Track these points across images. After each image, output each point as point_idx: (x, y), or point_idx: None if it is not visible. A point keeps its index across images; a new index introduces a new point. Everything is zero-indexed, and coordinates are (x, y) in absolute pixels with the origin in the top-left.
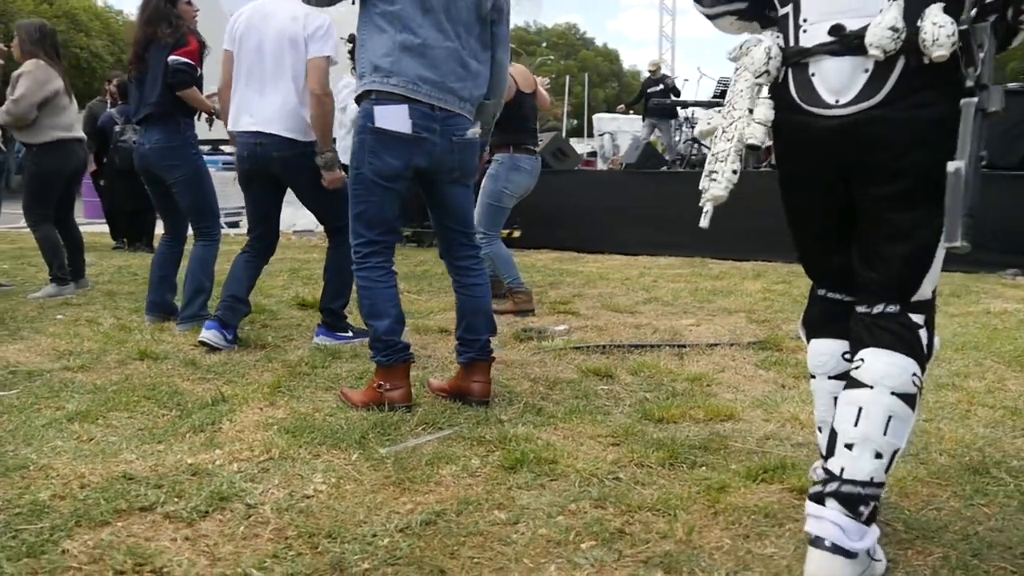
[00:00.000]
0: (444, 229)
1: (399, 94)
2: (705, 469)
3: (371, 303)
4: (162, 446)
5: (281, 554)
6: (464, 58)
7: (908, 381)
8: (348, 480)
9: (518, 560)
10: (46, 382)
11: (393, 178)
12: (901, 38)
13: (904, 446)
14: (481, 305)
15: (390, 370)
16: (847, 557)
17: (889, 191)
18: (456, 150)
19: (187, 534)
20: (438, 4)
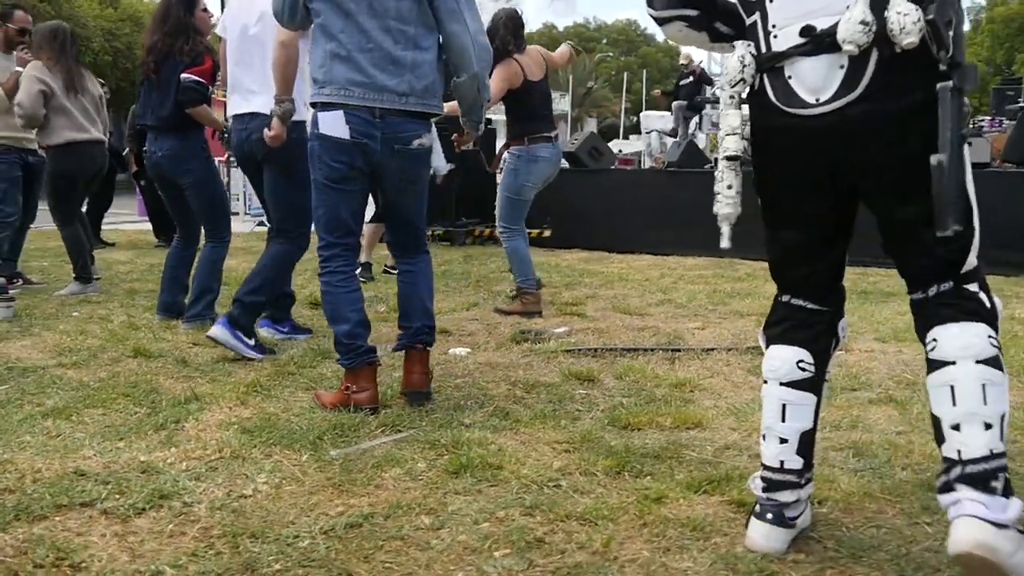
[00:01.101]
0: (390, 227)
1: (334, 102)
2: (650, 479)
3: (333, 307)
4: (122, 443)
5: (200, 553)
6: (394, 54)
7: (987, 345)
8: (290, 481)
9: (428, 566)
10: (37, 378)
11: (340, 180)
12: (872, 30)
13: (1008, 408)
14: (415, 292)
15: (356, 373)
16: (997, 527)
17: (897, 180)
18: (398, 157)
19: (118, 530)
20: (357, 5)
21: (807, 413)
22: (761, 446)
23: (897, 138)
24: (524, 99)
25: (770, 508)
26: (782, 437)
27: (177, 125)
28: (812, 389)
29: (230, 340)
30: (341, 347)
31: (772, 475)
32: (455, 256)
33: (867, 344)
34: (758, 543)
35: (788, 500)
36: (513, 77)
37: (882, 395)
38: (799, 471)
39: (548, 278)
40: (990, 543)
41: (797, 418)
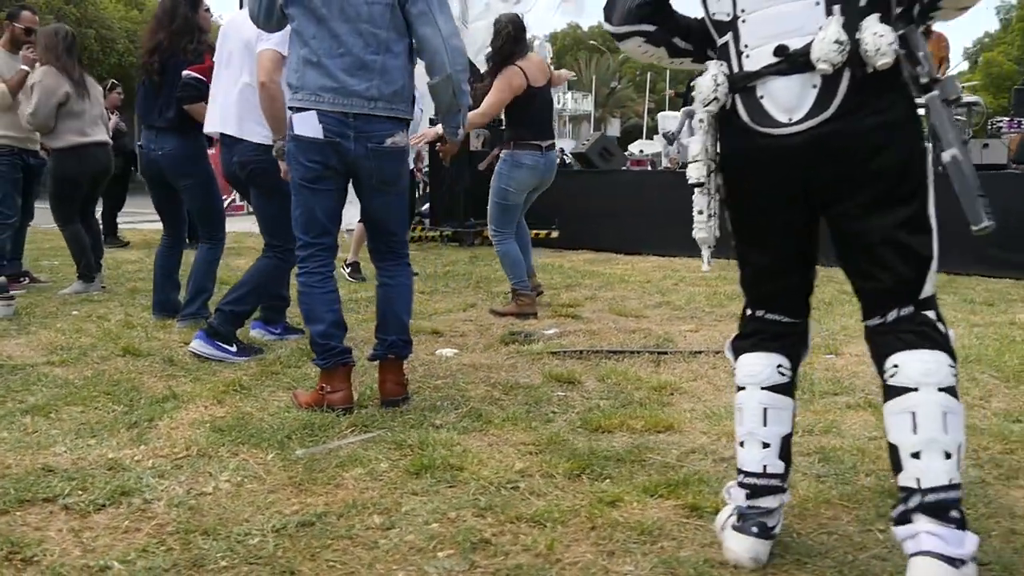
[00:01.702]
0: (368, 232)
1: (306, 108)
2: (608, 482)
3: (308, 307)
4: (94, 440)
5: (151, 549)
6: (364, 59)
7: (948, 374)
8: (252, 479)
9: (371, 566)
10: (25, 376)
11: (315, 180)
12: (846, 50)
13: (964, 440)
14: (392, 307)
15: (331, 373)
16: (953, 566)
17: (867, 199)
18: (372, 157)
19: (75, 525)
20: (330, 11)
21: (787, 417)
22: (740, 453)
23: (870, 154)
24: (525, 105)
25: (753, 519)
26: (765, 442)
27: (181, 126)
28: (791, 393)
29: (212, 352)
30: (316, 347)
31: (756, 481)
32: (462, 257)
33: (857, 348)
34: (741, 557)
35: (771, 506)
36: (516, 86)
37: (862, 400)
38: (782, 475)
39: (550, 279)
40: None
41: (778, 422)
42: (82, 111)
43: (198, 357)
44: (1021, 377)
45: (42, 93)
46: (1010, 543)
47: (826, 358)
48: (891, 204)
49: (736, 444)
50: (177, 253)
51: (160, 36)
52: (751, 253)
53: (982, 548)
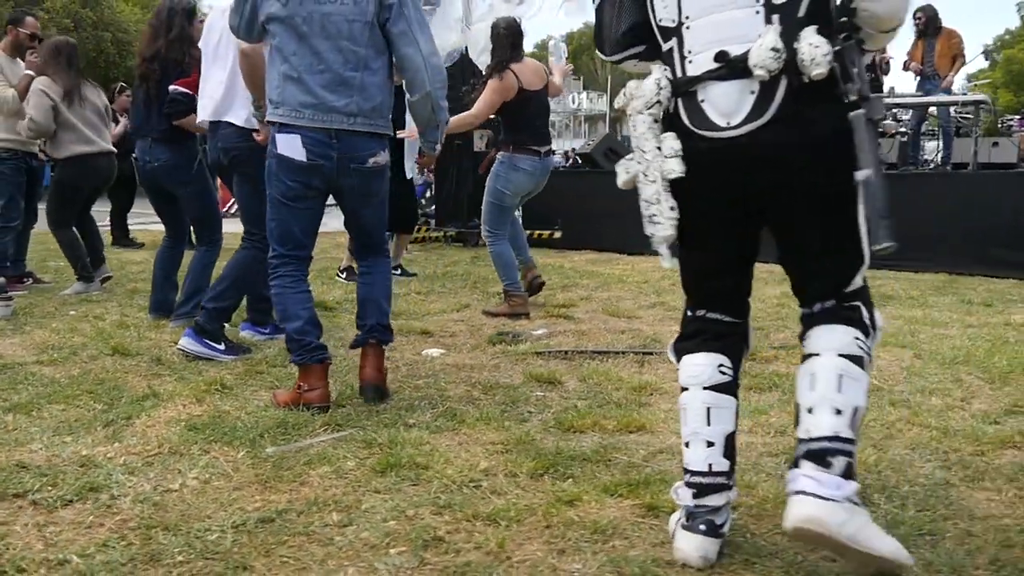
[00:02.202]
0: (353, 236)
1: (289, 123)
2: (570, 482)
3: (283, 307)
4: (71, 438)
5: (112, 543)
6: (343, 75)
7: (851, 342)
8: (220, 477)
9: (323, 562)
10: (12, 375)
11: (295, 199)
12: (782, 58)
13: (864, 405)
14: (371, 293)
15: (307, 371)
16: (827, 501)
17: (802, 208)
18: (355, 175)
19: (41, 520)
20: (311, 29)
21: (731, 416)
22: (686, 453)
23: (804, 166)
24: (519, 109)
25: (701, 517)
26: (709, 440)
27: (173, 136)
28: (733, 392)
29: (200, 349)
30: (293, 344)
31: (701, 480)
32: (463, 257)
33: None
34: (690, 556)
35: (718, 504)
36: (507, 90)
37: None
38: (727, 473)
39: (548, 280)
40: (817, 516)
41: (722, 421)
42: (77, 121)
43: (186, 355)
44: (1007, 378)
45: (38, 101)
46: (963, 545)
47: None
48: (825, 213)
49: (682, 445)
50: (177, 254)
51: (159, 44)
52: (693, 254)
53: (934, 549)
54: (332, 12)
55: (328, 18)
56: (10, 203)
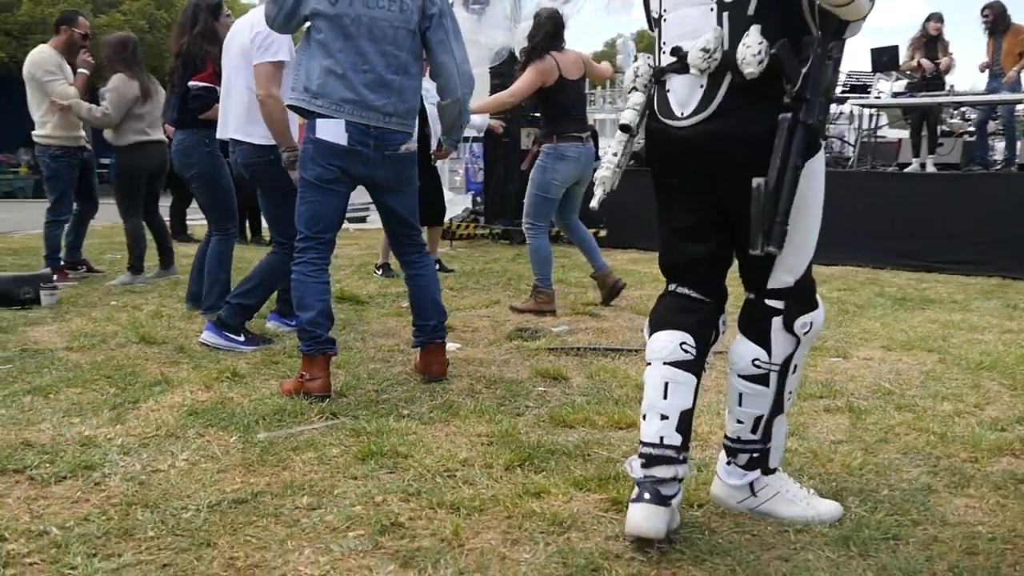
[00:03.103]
0: (389, 229)
1: (330, 114)
2: (544, 475)
3: (300, 296)
4: (78, 419)
5: (92, 518)
6: (385, 77)
7: (749, 365)
8: (208, 459)
9: (283, 542)
10: (41, 360)
11: (331, 182)
12: (714, 57)
13: (767, 413)
14: (427, 293)
15: (312, 360)
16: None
17: (736, 197)
18: (388, 163)
19: (33, 494)
20: (359, 29)
21: (688, 392)
22: (641, 426)
23: (742, 160)
24: (557, 97)
25: (647, 486)
26: (663, 414)
27: (183, 122)
28: (693, 370)
29: (220, 342)
30: (303, 333)
31: (651, 451)
32: (506, 255)
33: (869, 352)
34: (640, 526)
35: (665, 476)
36: (547, 74)
37: (844, 404)
38: (677, 447)
39: (583, 277)
40: (719, 495)
41: (679, 396)
42: (145, 113)
43: (208, 347)
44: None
45: (118, 98)
46: (925, 550)
47: (832, 361)
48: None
49: (640, 418)
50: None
51: (183, 40)
52: (665, 222)
53: (894, 554)
54: (380, 17)
55: (376, 22)
56: (61, 198)
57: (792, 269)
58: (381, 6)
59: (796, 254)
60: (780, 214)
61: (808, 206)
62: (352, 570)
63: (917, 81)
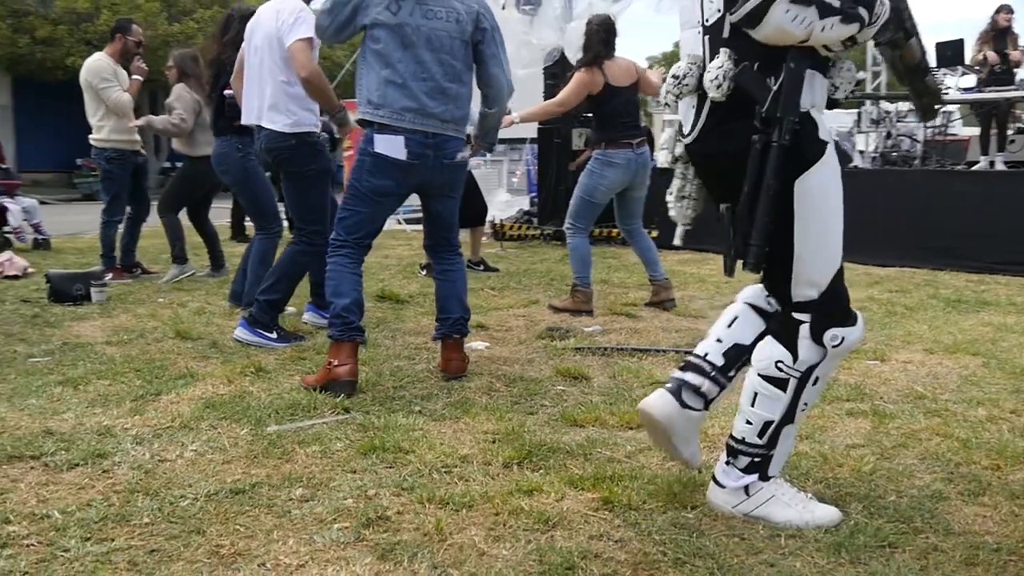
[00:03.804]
0: (430, 230)
1: (390, 125)
2: (541, 473)
3: (336, 283)
4: (100, 410)
5: (95, 503)
6: (443, 85)
7: (772, 366)
8: (216, 450)
9: (270, 532)
10: (79, 353)
11: (386, 195)
12: (683, 84)
13: (777, 418)
14: (452, 289)
15: (340, 347)
16: (719, 486)
17: (737, 207)
18: (446, 171)
19: (45, 479)
20: (418, 38)
21: (750, 330)
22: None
23: (730, 170)
24: (607, 104)
25: (673, 381)
26: (719, 338)
27: (220, 129)
28: (764, 318)
29: (253, 339)
30: (336, 319)
31: (692, 359)
32: (554, 255)
33: (910, 355)
34: (650, 403)
35: (693, 382)
36: (592, 84)
37: (869, 408)
38: (717, 367)
39: (629, 277)
40: (713, 498)
41: (741, 330)
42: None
43: (241, 343)
44: None
45: (186, 107)
46: (921, 560)
47: (867, 364)
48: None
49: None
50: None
51: (216, 49)
52: None
53: (887, 562)
54: (438, 28)
55: (434, 32)
56: (115, 200)
57: (811, 283)
58: (439, 17)
59: (809, 268)
60: (755, 236)
61: (810, 222)
62: (330, 561)
63: (985, 76)
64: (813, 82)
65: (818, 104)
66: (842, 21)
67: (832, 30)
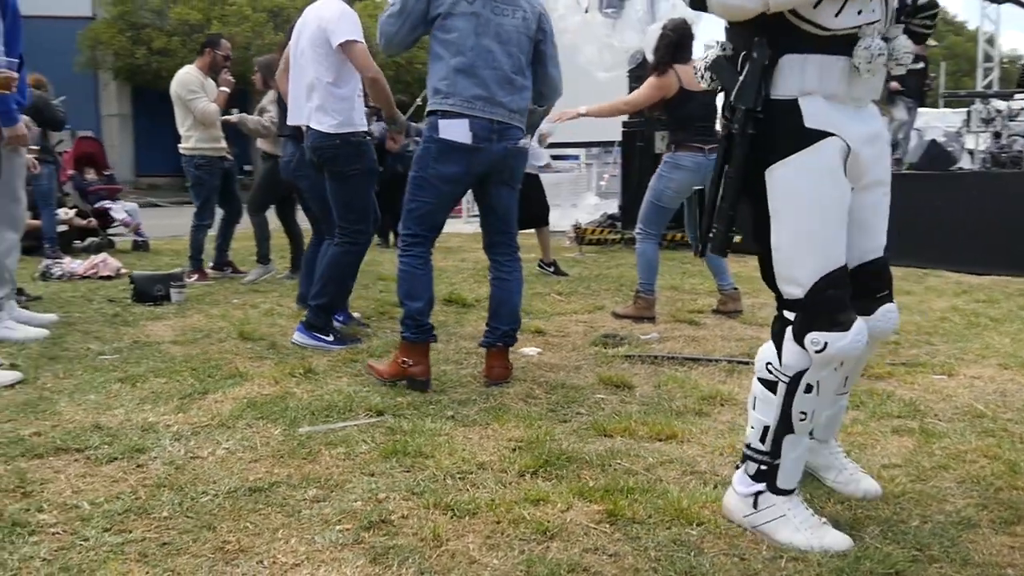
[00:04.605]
0: (488, 226)
1: (457, 112)
2: (554, 482)
3: (409, 286)
4: (149, 406)
5: (123, 496)
6: (510, 75)
7: (763, 367)
8: (247, 449)
9: (275, 530)
10: (144, 351)
11: (452, 181)
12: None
13: (773, 423)
14: (506, 298)
15: (414, 347)
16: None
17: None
18: (509, 156)
19: (84, 471)
20: (488, 29)
21: None
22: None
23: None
24: (680, 108)
25: None
26: None
27: (291, 133)
28: None
29: (309, 342)
30: (411, 321)
31: None
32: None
33: (981, 370)
34: None
35: None
36: (665, 88)
37: (919, 425)
38: None
39: (701, 284)
40: (726, 503)
41: None
42: None
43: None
44: None
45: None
46: None
47: (933, 378)
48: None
49: None
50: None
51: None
52: None
53: None
54: (506, 23)
55: (502, 26)
56: (205, 204)
57: (792, 279)
58: (507, 14)
59: (787, 264)
60: (716, 220)
61: (782, 215)
62: (325, 561)
63: None
64: (805, 67)
65: (817, 90)
66: None
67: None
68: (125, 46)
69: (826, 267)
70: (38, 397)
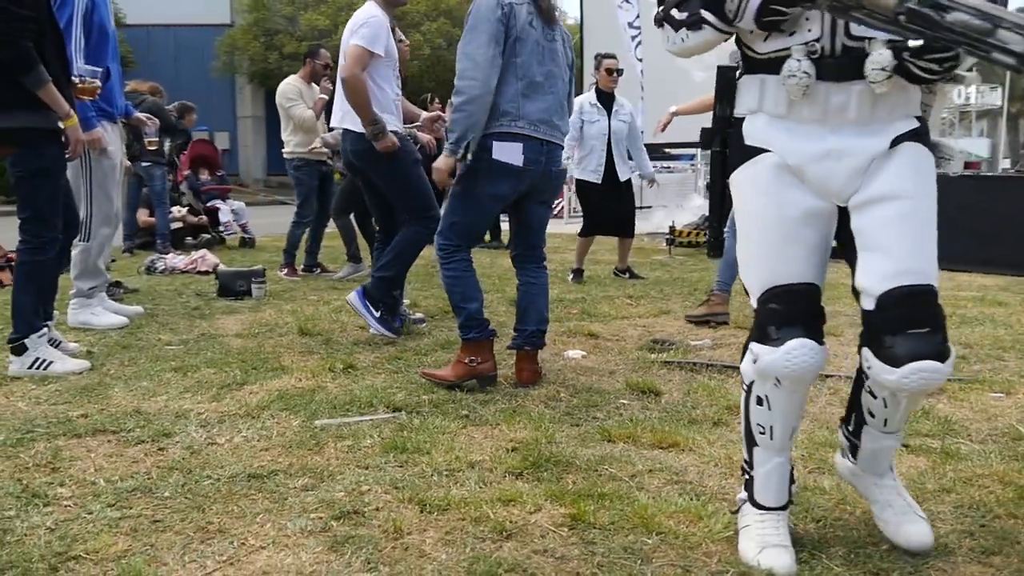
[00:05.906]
0: (520, 240)
1: (521, 133)
2: (532, 484)
3: (461, 291)
4: (189, 395)
5: (137, 475)
6: (561, 99)
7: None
8: (262, 438)
9: (257, 515)
10: (205, 344)
11: (499, 199)
12: None
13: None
14: (535, 301)
15: (479, 345)
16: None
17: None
18: (552, 177)
19: (112, 451)
20: (547, 56)
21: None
22: None
23: None
24: None
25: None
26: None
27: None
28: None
29: (360, 308)
30: (472, 322)
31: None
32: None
33: None
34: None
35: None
36: None
37: (940, 445)
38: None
39: None
40: None
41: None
42: None
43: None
44: None
45: None
46: None
47: (988, 396)
48: None
49: None
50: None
51: None
52: None
53: None
54: (557, 50)
55: (555, 53)
56: (305, 202)
57: (747, 285)
58: (555, 40)
59: (742, 273)
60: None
61: (737, 227)
62: (288, 546)
63: None
64: (751, 87)
65: (759, 109)
66: (690, 29)
67: (690, 40)
68: (259, 51)
69: (770, 281)
70: (98, 383)
